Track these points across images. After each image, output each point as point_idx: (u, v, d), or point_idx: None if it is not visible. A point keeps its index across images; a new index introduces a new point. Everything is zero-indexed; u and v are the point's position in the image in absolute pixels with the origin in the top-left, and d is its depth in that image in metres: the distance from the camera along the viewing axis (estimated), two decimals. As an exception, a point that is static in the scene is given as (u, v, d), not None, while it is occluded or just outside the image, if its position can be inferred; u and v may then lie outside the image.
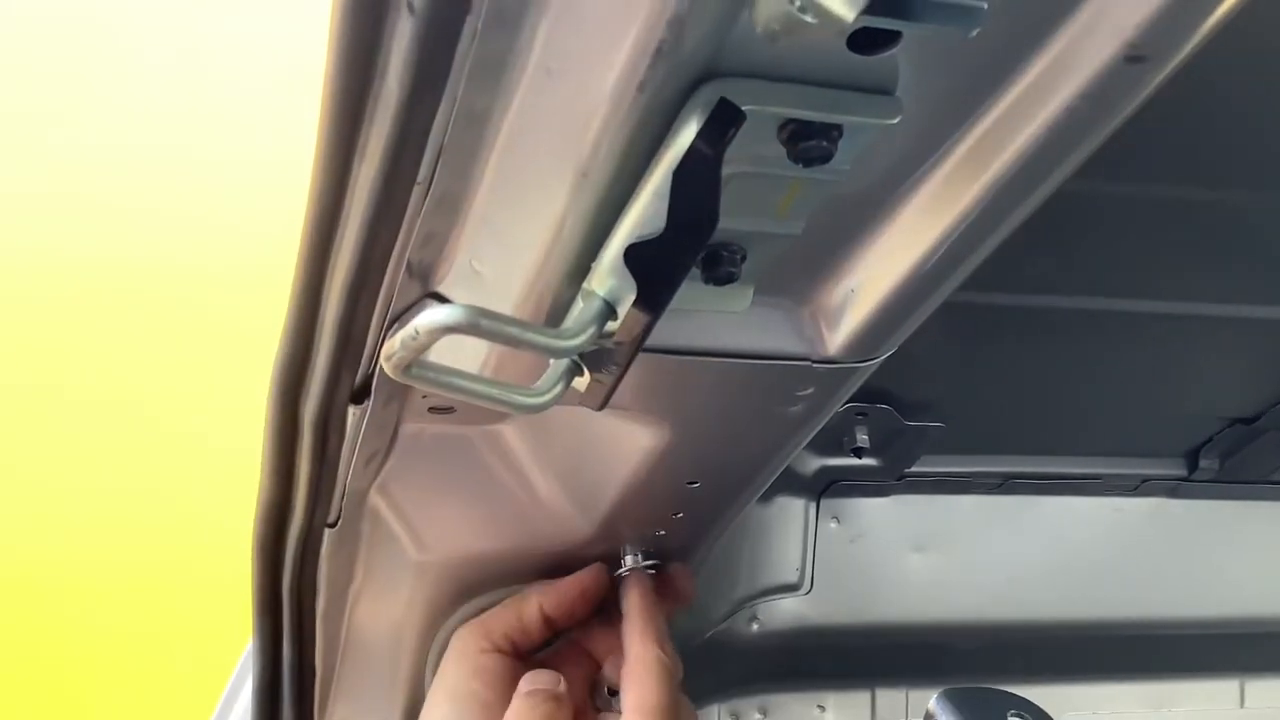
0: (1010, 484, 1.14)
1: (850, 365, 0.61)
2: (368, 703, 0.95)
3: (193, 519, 2.88)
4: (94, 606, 2.95)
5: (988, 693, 0.70)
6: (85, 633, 2.95)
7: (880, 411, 0.98)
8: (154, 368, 2.88)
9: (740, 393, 0.64)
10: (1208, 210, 0.82)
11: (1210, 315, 0.95)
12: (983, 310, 0.89)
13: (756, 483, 0.79)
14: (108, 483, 2.91)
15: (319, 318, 0.57)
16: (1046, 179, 0.47)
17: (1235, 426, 1.10)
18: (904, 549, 1.17)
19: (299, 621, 0.87)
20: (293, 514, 0.76)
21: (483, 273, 0.53)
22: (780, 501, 1.11)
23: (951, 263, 0.52)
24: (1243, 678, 1.33)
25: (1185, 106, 0.66)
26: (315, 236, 0.51)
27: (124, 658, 2.97)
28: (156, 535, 2.94)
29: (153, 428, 2.90)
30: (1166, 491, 1.18)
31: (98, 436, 2.89)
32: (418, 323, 0.43)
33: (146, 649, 2.96)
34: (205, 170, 2.81)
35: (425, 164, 0.46)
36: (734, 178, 0.44)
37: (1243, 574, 1.25)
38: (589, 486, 0.77)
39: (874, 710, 1.25)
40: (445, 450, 0.76)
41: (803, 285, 0.57)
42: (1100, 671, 1.29)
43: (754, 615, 1.15)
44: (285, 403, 0.64)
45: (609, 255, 0.46)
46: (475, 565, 0.85)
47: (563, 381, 0.51)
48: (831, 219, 0.51)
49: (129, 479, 2.92)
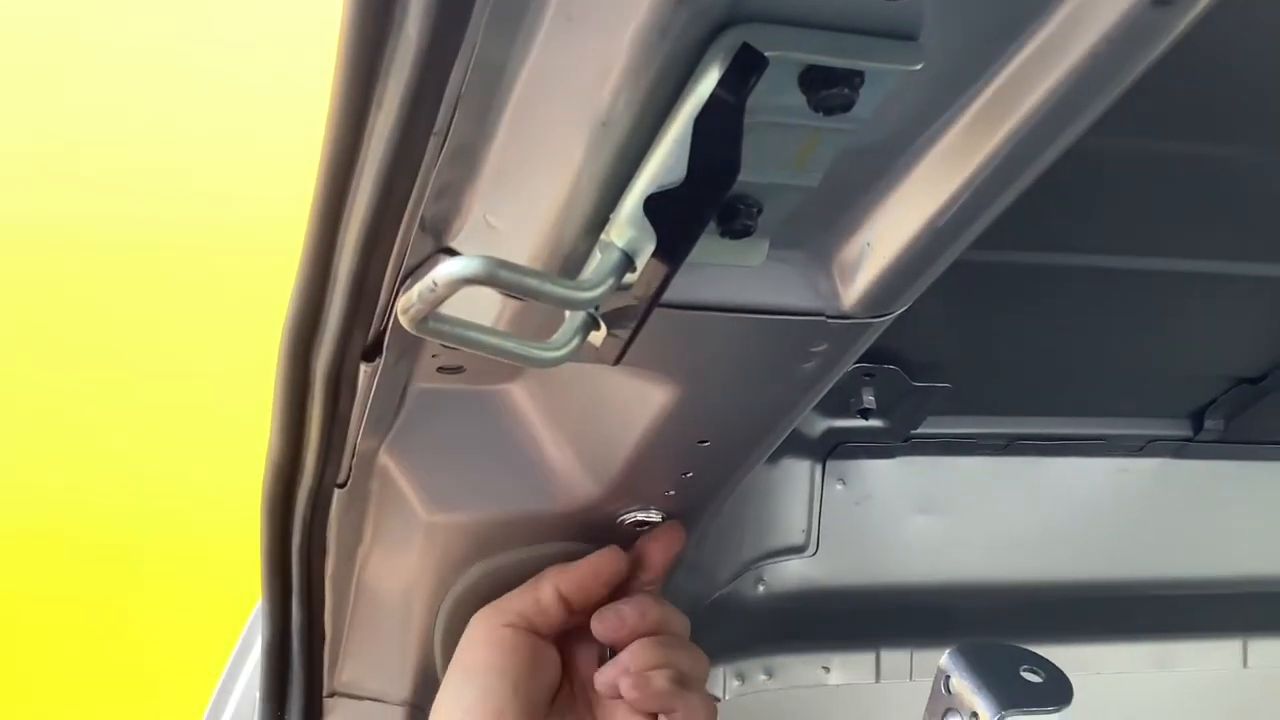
0: (1016, 445, 1.14)
1: (865, 320, 0.60)
2: (377, 663, 0.95)
3: (202, 480, 2.88)
4: (100, 566, 2.95)
5: (1000, 648, 0.70)
6: (92, 592, 2.96)
7: (887, 372, 0.98)
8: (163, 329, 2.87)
9: (754, 348, 0.63)
10: (1216, 166, 0.82)
11: (1217, 273, 0.94)
12: (990, 269, 0.89)
13: (767, 442, 0.79)
14: (119, 442, 2.91)
15: (332, 273, 0.57)
16: (1068, 129, 0.47)
17: (1241, 386, 1.10)
18: (910, 510, 1.17)
19: (308, 582, 0.87)
20: (302, 473, 0.76)
21: (497, 227, 0.53)
22: (786, 463, 1.11)
23: (970, 216, 0.52)
24: (1246, 637, 1.34)
25: (1196, 60, 0.65)
26: (330, 189, 0.50)
27: (131, 618, 2.98)
28: (166, 495, 2.94)
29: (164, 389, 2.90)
30: (1172, 452, 1.18)
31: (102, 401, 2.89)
32: (435, 274, 0.43)
33: (154, 608, 2.97)
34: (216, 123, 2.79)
35: (442, 114, 0.45)
36: (752, 128, 0.43)
37: (1247, 534, 1.25)
38: (599, 446, 0.77)
39: (879, 670, 1.26)
40: (454, 410, 0.76)
41: (818, 239, 0.57)
42: (1104, 631, 1.29)
43: (760, 577, 1.15)
44: (297, 359, 0.64)
45: (628, 206, 0.46)
46: (484, 526, 0.85)
47: (579, 336, 0.51)
48: (849, 171, 0.51)
49: (140, 441, 2.92)
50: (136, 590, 2.98)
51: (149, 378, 2.89)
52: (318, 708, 0.98)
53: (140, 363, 2.88)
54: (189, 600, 2.91)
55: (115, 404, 2.90)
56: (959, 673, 0.70)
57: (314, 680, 0.96)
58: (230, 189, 2.82)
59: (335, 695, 0.98)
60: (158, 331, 2.88)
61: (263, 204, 2.75)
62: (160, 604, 2.97)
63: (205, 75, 2.77)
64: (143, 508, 2.96)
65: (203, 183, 2.81)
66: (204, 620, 2.20)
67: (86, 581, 2.96)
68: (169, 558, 2.97)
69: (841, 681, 1.26)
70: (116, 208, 2.80)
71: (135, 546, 2.97)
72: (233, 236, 2.81)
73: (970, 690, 0.68)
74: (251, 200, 2.79)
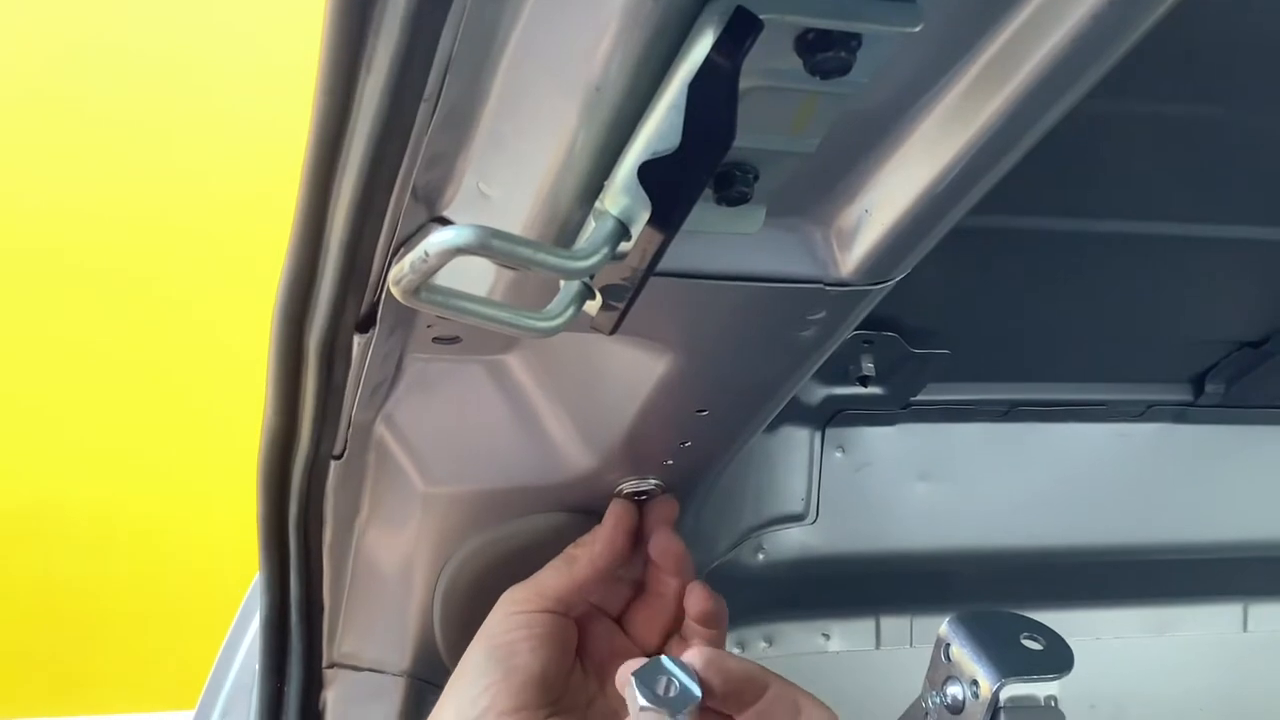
0: (1016, 411, 1.13)
1: (863, 288, 0.60)
2: (376, 635, 0.95)
3: (202, 450, 2.88)
4: (99, 539, 2.96)
5: (1000, 616, 0.70)
6: (91, 565, 2.96)
7: (886, 339, 0.98)
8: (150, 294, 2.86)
9: (751, 317, 0.63)
10: (1216, 129, 0.81)
11: (1219, 237, 0.94)
12: (989, 234, 0.88)
13: (765, 411, 0.79)
14: (115, 417, 2.91)
15: (324, 243, 0.56)
16: (1069, 92, 0.46)
17: (1242, 350, 1.09)
18: (909, 478, 1.17)
19: (306, 554, 0.87)
20: (298, 445, 0.76)
21: (490, 195, 0.52)
22: (785, 432, 1.11)
23: (970, 181, 0.51)
24: (1246, 601, 1.34)
25: (1196, 22, 0.65)
26: (319, 157, 0.50)
27: (130, 591, 2.99)
28: (164, 467, 2.94)
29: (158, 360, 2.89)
30: (1172, 417, 1.18)
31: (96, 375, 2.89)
32: (427, 244, 0.42)
33: (152, 583, 2.98)
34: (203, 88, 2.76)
35: (433, 79, 0.44)
36: (748, 93, 0.43)
37: (1248, 498, 1.25)
38: (596, 416, 0.77)
39: (878, 637, 1.26)
40: (450, 381, 0.75)
41: (816, 206, 0.56)
42: (1103, 596, 1.30)
43: (759, 546, 1.15)
44: (289, 331, 0.63)
45: (622, 173, 0.45)
46: (482, 498, 0.84)
47: (574, 305, 0.50)
48: (846, 136, 0.50)
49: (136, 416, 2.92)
50: (131, 566, 2.99)
51: (142, 348, 2.88)
52: (318, 679, 0.98)
53: (132, 333, 2.87)
54: (186, 573, 2.92)
55: (110, 378, 2.90)
56: (959, 641, 0.70)
57: (313, 651, 0.96)
58: (218, 162, 2.80)
59: (335, 666, 0.98)
60: (148, 304, 2.87)
61: (252, 176, 2.74)
62: (157, 578, 2.98)
63: (192, 44, 2.75)
64: (135, 484, 2.96)
65: (189, 155, 2.79)
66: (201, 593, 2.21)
67: (81, 557, 2.97)
68: (163, 533, 2.97)
69: (842, 648, 1.26)
70: (103, 181, 2.78)
71: (129, 521, 2.97)
72: (223, 208, 2.80)
73: (970, 658, 0.68)
74: (241, 173, 2.78)
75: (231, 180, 2.79)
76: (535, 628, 0.80)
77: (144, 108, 2.76)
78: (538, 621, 0.81)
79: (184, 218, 2.81)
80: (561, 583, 0.82)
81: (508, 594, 0.83)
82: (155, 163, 2.79)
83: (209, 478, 2.83)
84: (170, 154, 2.79)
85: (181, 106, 2.77)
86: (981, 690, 0.67)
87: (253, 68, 2.76)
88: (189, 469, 2.92)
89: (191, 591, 2.71)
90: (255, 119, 2.74)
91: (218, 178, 2.81)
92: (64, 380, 2.88)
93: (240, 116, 2.78)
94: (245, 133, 2.77)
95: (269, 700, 0.98)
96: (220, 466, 2.58)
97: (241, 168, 2.78)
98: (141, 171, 2.79)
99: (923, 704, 0.73)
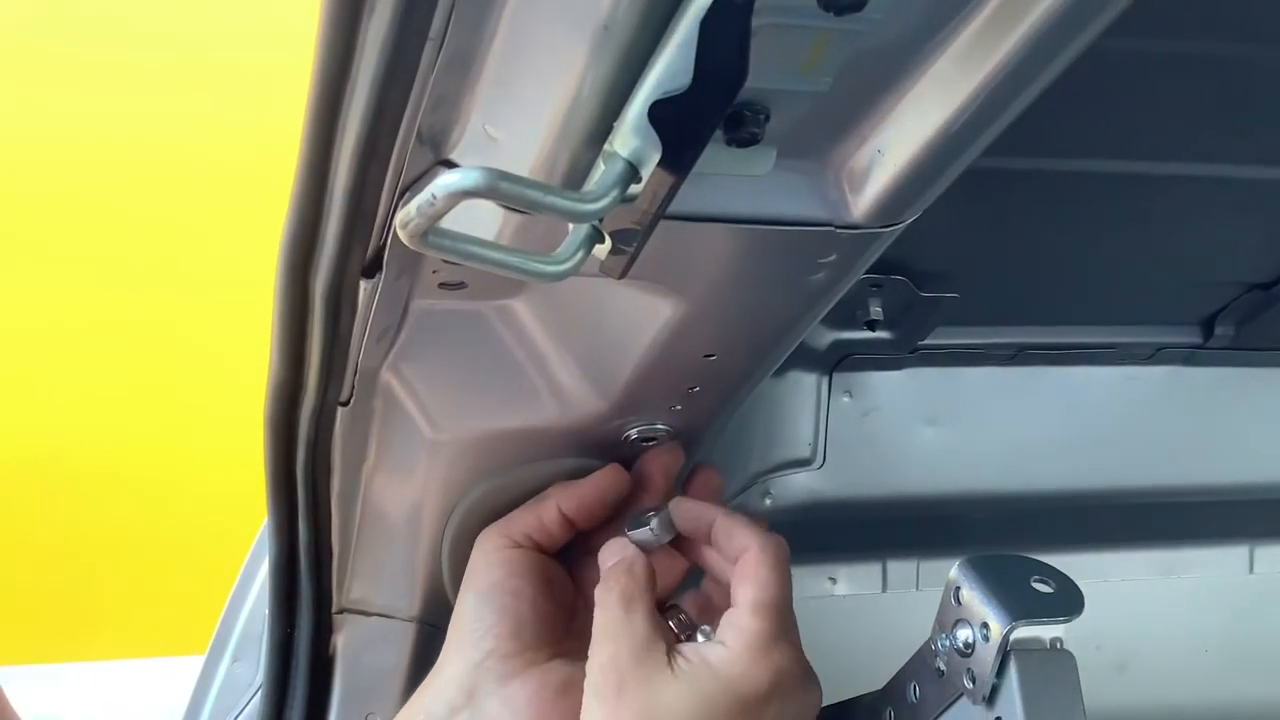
0: (1024, 355, 1.13)
1: (875, 230, 0.59)
2: (385, 581, 0.95)
3: (209, 393, 2.88)
4: (105, 483, 2.97)
5: (1009, 559, 0.70)
6: (98, 509, 2.98)
7: (895, 283, 0.97)
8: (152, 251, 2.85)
9: (761, 260, 0.62)
10: (1231, 67, 0.79)
11: (1230, 178, 0.92)
12: (999, 176, 0.87)
13: (773, 356, 0.78)
14: (124, 362, 2.91)
15: (328, 189, 0.55)
16: (1085, 30, 0.45)
17: (1252, 292, 1.08)
18: (917, 422, 1.16)
19: (314, 501, 0.87)
20: (304, 392, 0.75)
21: (497, 138, 0.52)
22: (793, 376, 1.11)
23: (985, 120, 0.50)
24: (1252, 544, 1.34)
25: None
26: (322, 100, 0.49)
27: (138, 536, 3.00)
28: (171, 410, 2.95)
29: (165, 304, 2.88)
30: (1181, 359, 1.17)
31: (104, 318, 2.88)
32: (434, 187, 0.42)
33: (160, 529, 2.99)
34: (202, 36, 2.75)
35: (438, 18, 0.44)
36: (759, 30, 0.42)
37: (1256, 441, 1.25)
38: (604, 361, 0.76)
39: (885, 581, 1.27)
40: (457, 327, 0.75)
41: (827, 147, 0.55)
42: (1111, 539, 1.30)
43: (767, 490, 1.15)
44: (295, 278, 0.63)
45: (632, 114, 0.44)
46: (490, 443, 0.84)
47: (583, 249, 0.49)
48: (859, 75, 0.49)
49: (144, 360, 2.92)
50: (138, 510, 3.00)
51: (149, 292, 2.88)
52: (327, 624, 0.99)
53: (139, 275, 2.87)
54: (193, 518, 2.93)
55: (116, 321, 2.90)
56: (969, 584, 0.69)
57: (323, 597, 0.97)
58: (222, 104, 2.78)
59: (344, 612, 0.99)
60: (157, 246, 2.86)
61: (256, 118, 2.72)
62: (164, 523, 2.99)
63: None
64: (144, 427, 2.97)
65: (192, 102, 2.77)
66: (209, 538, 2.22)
67: (87, 503, 2.98)
68: (170, 476, 2.98)
69: (848, 592, 1.27)
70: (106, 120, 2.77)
71: (136, 466, 2.98)
72: (229, 154, 2.79)
73: (980, 601, 0.68)
74: (245, 115, 2.76)
75: (235, 125, 2.77)
76: (512, 565, 0.82)
77: (145, 50, 2.74)
78: (513, 559, 0.82)
79: (188, 167, 2.80)
80: (530, 525, 0.84)
81: (479, 539, 0.85)
82: (159, 108, 2.78)
83: (217, 421, 2.83)
84: (173, 100, 2.78)
85: (183, 51, 2.75)
86: (992, 633, 0.67)
87: (254, 12, 2.74)
88: (197, 413, 2.93)
89: (199, 537, 2.72)
90: (257, 64, 2.72)
91: (220, 123, 2.79)
92: (70, 324, 2.88)
93: (242, 62, 2.76)
94: (248, 77, 2.75)
95: (279, 645, 0.98)
96: (228, 410, 2.58)
97: (244, 114, 2.76)
98: (145, 117, 2.78)
99: (932, 646, 0.73)
